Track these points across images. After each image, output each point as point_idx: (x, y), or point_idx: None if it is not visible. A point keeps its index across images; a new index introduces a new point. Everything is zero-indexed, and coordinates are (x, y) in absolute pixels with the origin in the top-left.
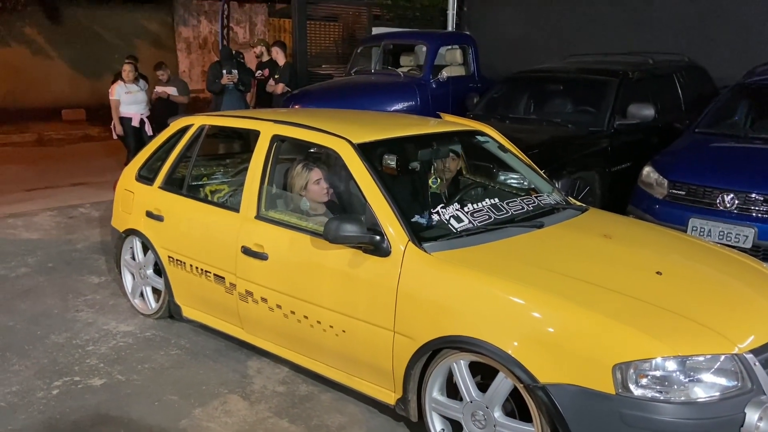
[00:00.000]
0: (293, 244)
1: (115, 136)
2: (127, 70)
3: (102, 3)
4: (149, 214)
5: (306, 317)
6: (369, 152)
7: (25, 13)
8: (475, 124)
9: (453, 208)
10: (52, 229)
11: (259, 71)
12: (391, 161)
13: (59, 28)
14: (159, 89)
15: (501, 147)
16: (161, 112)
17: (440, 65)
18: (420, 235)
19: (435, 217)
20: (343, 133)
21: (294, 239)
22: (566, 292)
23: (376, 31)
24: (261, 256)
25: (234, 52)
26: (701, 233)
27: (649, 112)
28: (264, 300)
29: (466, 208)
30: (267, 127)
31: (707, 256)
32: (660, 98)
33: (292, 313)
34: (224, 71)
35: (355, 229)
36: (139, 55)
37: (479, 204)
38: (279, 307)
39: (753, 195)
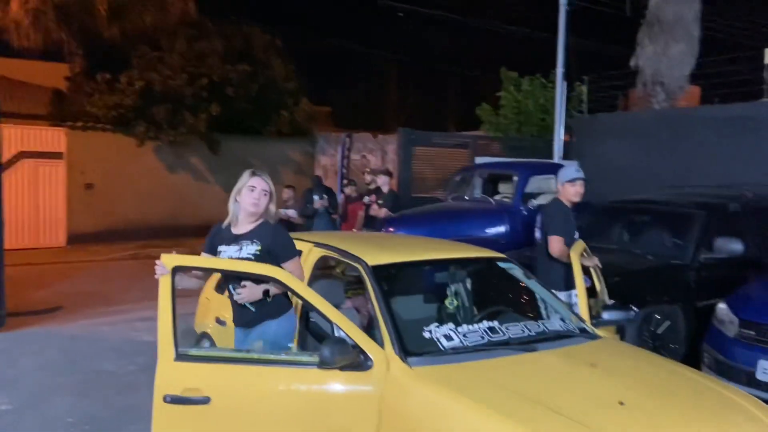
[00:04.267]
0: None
1: None
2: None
3: (255, 135)
4: (218, 320)
5: None
6: (381, 273)
7: (190, 146)
8: (499, 254)
9: (447, 328)
10: None
11: (367, 197)
12: None
13: (217, 158)
14: (281, 211)
15: (526, 274)
16: None
17: (535, 193)
18: (409, 351)
19: (426, 335)
20: (363, 255)
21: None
22: (518, 414)
23: (479, 160)
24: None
25: (349, 179)
26: None
27: (737, 246)
28: None
29: (461, 329)
30: (308, 248)
31: (695, 394)
32: (758, 232)
33: None
34: (315, 197)
35: (347, 350)
36: (283, 181)
37: (476, 326)
38: None
39: None
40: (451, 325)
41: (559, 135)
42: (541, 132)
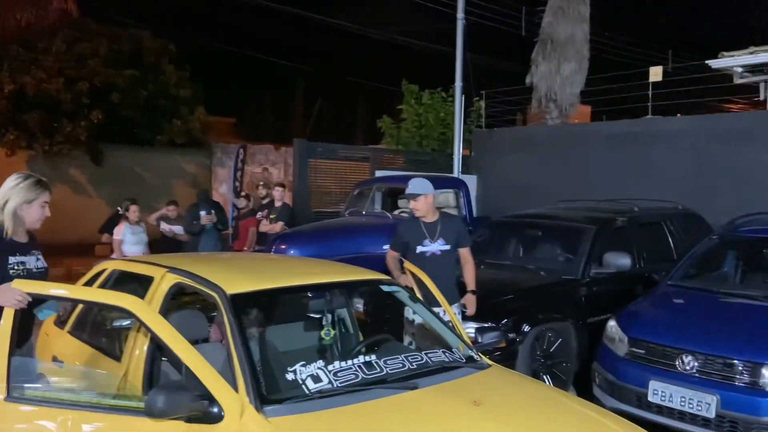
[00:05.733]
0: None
1: None
2: (134, 210)
3: (145, 146)
4: (54, 359)
5: None
6: (242, 303)
7: (70, 156)
8: (383, 275)
9: (315, 366)
10: None
11: (260, 212)
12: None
13: (101, 170)
14: (166, 227)
15: (411, 297)
16: (166, 249)
17: (436, 207)
18: (267, 397)
19: (290, 376)
20: (220, 282)
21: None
22: None
23: (379, 173)
24: None
25: (244, 193)
26: (662, 398)
27: (625, 261)
28: None
29: (332, 366)
30: (160, 274)
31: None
32: (645, 247)
33: None
34: (202, 212)
35: (186, 398)
36: (176, 195)
37: (350, 362)
38: None
39: (713, 357)
40: (320, 363)
41: (458, 149)
42: (441, 146)
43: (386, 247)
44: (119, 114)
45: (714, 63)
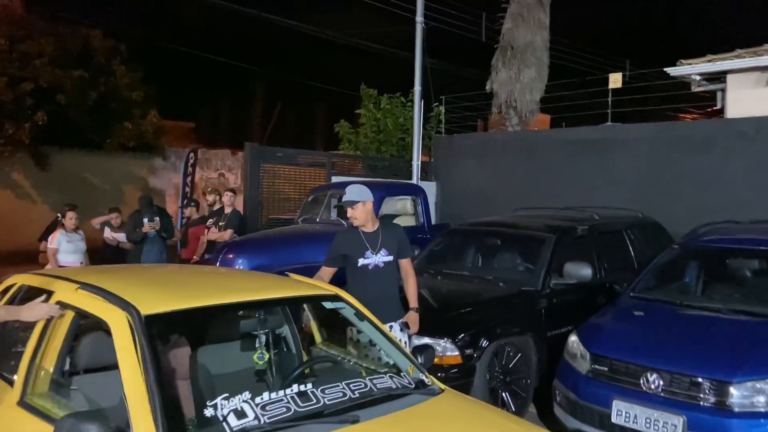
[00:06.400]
0: None
1: None
2: (71, 217)
3: (94, 149)
4: None
5: None
6: (159, 325)
7: (12, 159)
8: (329, 287)
9: (240, 399)
10: None
11: (210, 219)
12: None
13: (46, 174)
14: (109, 234)
15: (358, 314)
16: (109, 258)
17: (391, 215)
18: None
19: (209, 412)
20: (135, 300)
21: None
22: None
23: (335, 179)
24: None
25: (190, 200)
26: (626, 419)
27: (586, 271)
28: None
29: (260, 399)
30: (71, 290)
31: None
32: (606, 256)
33: None
34: (145, 219)
35: (94, 429)
36: (127, 201)
37: (281, 392)
38: None
39: (679, 375)
40: (246, 395)
41: (417, 155)
42: (401, 152)
43: None
44: (66, 116)
45: (672, 71)
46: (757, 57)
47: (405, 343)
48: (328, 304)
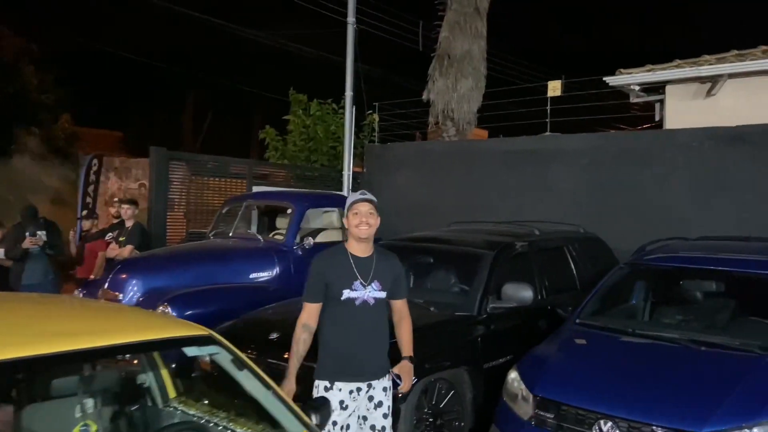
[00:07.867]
0: None
1: None
2: None
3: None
4: None
5: None
6: None
7: None
8: (197, 327)
9: None
10: None
11: (110, 233)
12: None
13: None
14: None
15: (235, 361)
16: None
17: (316, 229)
18: None
19: None
20: None
21: None
22: None
23: (256, 189)
24: None
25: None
26: None
27: (526, 293)
28: None
29: None
30: None
31: None
32: (547, 275)
33: None
34: (27, 233)
35: None
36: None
37: None
38: None
39: (637, 424)
40: None
41: (349, 165)
42: (332, 161)
43: (255, 276)
44: None
45: (611, 80)
46: (698, 66)
47: (388, 407)
48: (192, 350)
